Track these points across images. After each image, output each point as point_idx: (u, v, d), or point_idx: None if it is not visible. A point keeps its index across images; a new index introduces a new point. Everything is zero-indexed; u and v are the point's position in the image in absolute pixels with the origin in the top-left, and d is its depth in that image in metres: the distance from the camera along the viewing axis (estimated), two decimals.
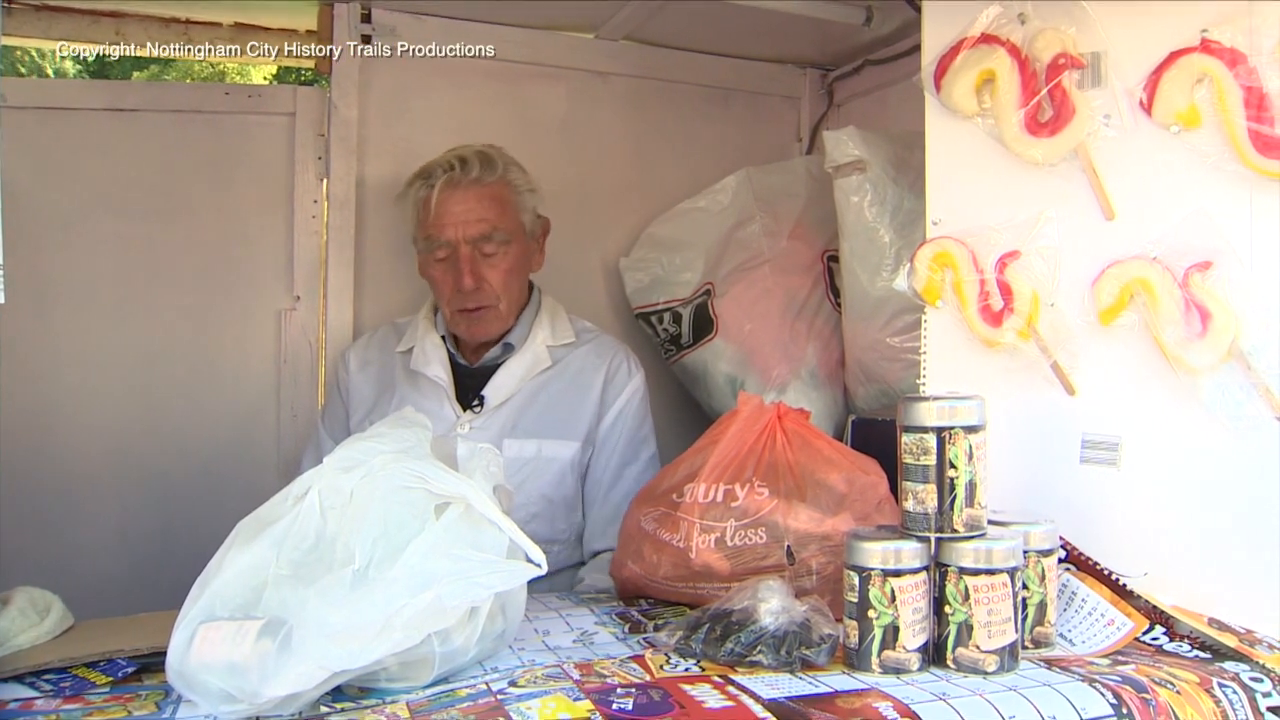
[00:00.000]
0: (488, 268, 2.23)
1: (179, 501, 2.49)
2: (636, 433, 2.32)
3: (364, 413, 2.32)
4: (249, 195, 2.57)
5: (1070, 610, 1.55)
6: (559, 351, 2.33)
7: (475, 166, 2.24)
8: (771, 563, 1.65)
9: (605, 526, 2.24)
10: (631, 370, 2.36)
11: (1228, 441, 1.53)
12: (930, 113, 1.82)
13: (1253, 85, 1.50)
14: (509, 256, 2.26)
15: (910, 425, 1.42)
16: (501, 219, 2.25)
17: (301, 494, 1.40)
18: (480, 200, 2.23)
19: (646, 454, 2.32)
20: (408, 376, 2.32)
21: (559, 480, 2.24)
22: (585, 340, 2.38)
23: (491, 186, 2.25)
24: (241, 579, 1.33)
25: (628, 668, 1.39)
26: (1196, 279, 1.54)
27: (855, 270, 2.36)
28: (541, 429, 2.25)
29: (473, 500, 1.37)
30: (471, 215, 2.22)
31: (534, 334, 2.32)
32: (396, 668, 1.30)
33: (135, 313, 2.51)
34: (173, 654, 1.27)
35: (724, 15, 2.65)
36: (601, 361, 2.34)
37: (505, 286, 2.26)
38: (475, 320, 2.26)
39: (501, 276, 2.24)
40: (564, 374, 2.31)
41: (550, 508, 2.23)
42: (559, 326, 2.37)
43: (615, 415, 2.30)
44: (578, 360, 2.34)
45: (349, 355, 2.43)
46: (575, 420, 2.28)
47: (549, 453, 2.24)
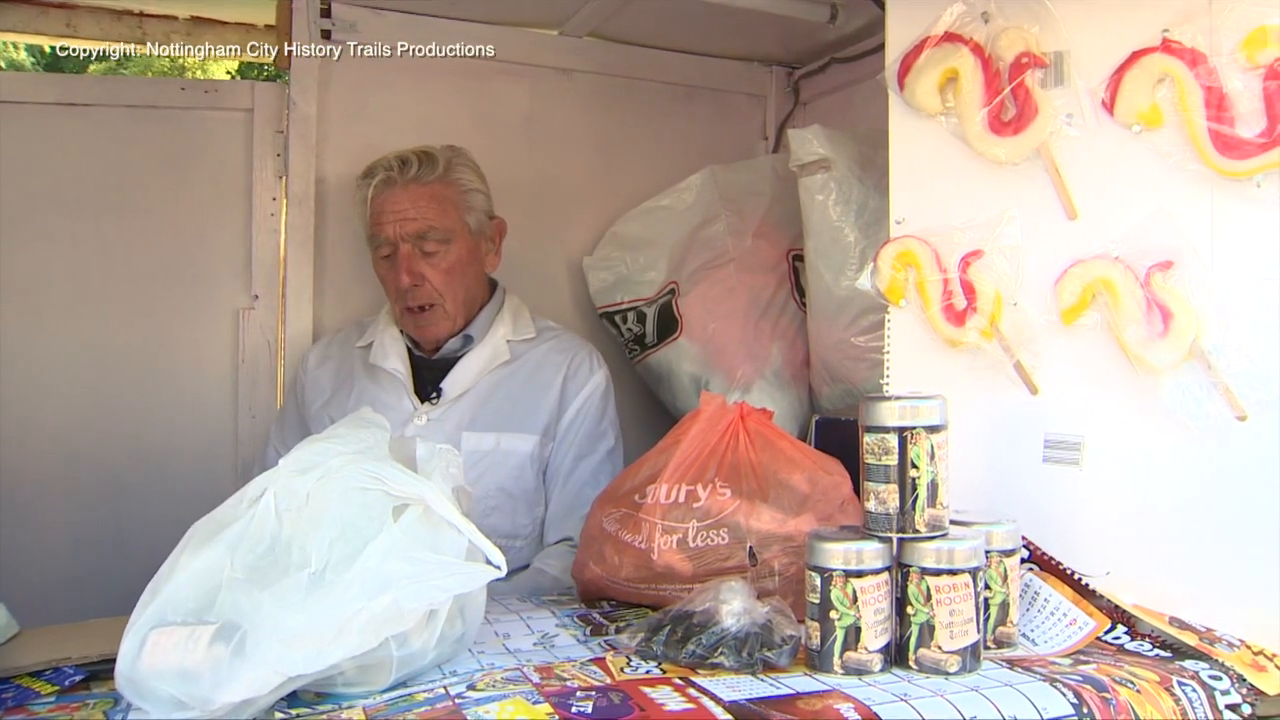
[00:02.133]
0: (427, 266, 2.23)
1: (132, 505, 2.45)
2: (595, 428, 2.31)
3: (320, 404, 2.31)
4: (206, 193, 2.53)
5: (1033, 610, 1.55)
6: (519, 347, 2.33)
7: (414, 165, 2.24)
8: (734, 564, 1.64)
9: (560, 517, 2.25)
10: (593, 367, 2.35)
11: (1189, 441, 1.54)
12: (894, 111, 1.82)
13: (1213, 85, 1.51)
14: (450, 255, 2.25)
15: (872, 425, 1.41)
16: (441, 218, 2.24)
17: (257, 496, 1.38)
18: (418, 199, 2.23)
19: (604, 447, 2.31)
20: (366, 370, 2.32)
21: (518, 473, 2.23)
22: (547, 337, 2.37)
23: (431, 185, 2.25)
24: (195, 583, 1.30)
25: (588, 670, 1.38)
26: (1158, 278, 1.55)
27: (820, 269, 2.36)
28: (500, 422, 2.24)
29: (431, 502, 1.35)
30: (409, 213, 2.22)
31: (495, 328, 2.32)
32: (353, 672, 1.29)
33: (87, 312, 2.46)
34: (122, 660, 1.24)
35: (689, 12, 2.64)
36: (563, 358, 2.33)
37: (447, 285, 2.25)
38: (421, 321, 2.27)
39: (442, 276, 2.24)
40: (523, 369, 2.31)
41: (510, 501, 2.22)
42: (520, 323, 2.37)
43: (575, 411, 2.30)
44: (538, 356, 2.33)
45: (309, 354, 2.44)
46: (534, 414, 2.27)
47: (507, 445, 2.23)
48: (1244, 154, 1.49)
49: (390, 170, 2.24)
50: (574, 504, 2.22)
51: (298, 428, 2.31)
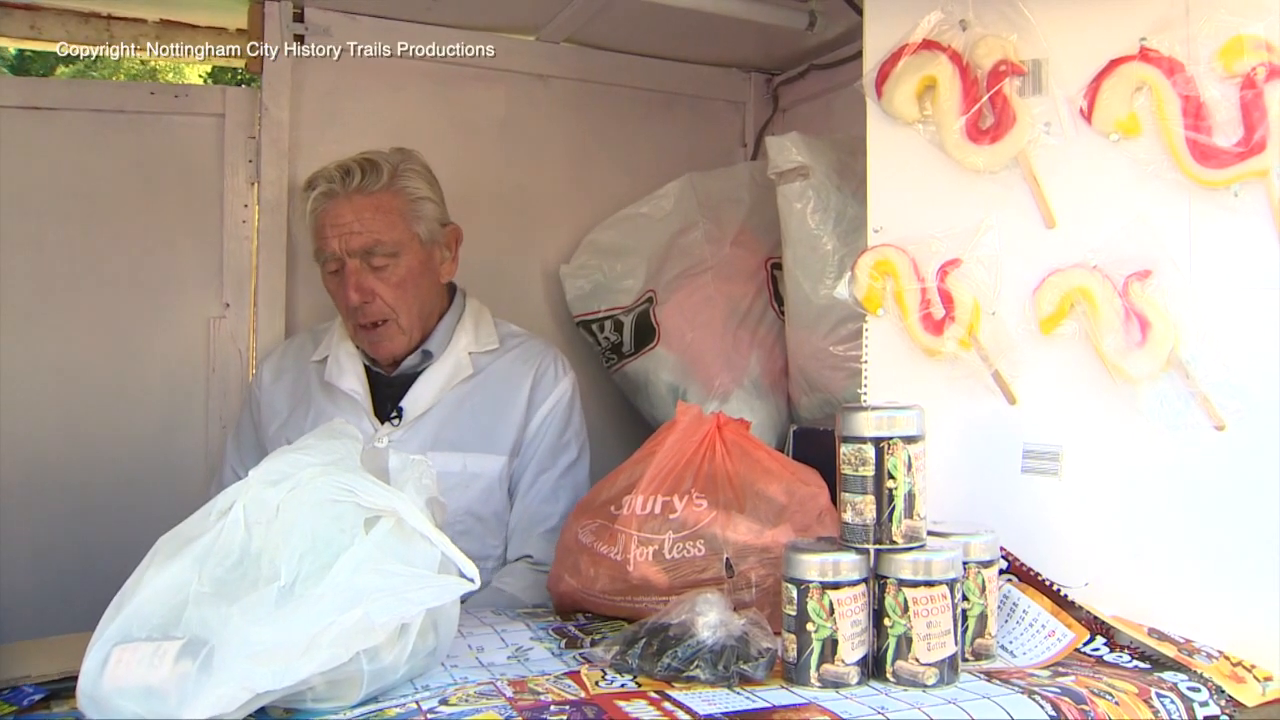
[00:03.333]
0: (377, 281, 2.12)
1: (98, 517, 2.40)
2: (557, 440, 2.23)
3: (277, 426, 2.23)
4: (176, 199, 2.50)
5: (1011, 622, 1.54)
6: (482, 359, 2.24)
7: (358, 176, 2.12)
8: (710, 575, 1.63)
9: (519, 534, 2.17)
10: (559, 374, 2.27)
11: (1168, 451, 1.54)
12: (872, 119, 1.81)
13: (1190, 94, 1.51)
14: (400, 269, 2.14)
15: (848, 436, 1.40)
16: (388, 230, 2.13)
17: (226, 509, 1.36)
18: (362, 211, 2.11)
19: (564, 461, 2.23)
20: (323, 389, 2.22)
21: (486, 496, 2.15)
22: (511, 345, 2.28)
23: (376, 196, 2.13)
24: (161, 598, 1.29)
25: (562, 684, 1.37)
26: (1136, 288, 1.54)
27: (798, 278, 2.35)
28: (466, 442, 2.15)
29: (404, 514, 1.34)
30: (353, 227, 2.11)
31: (455, 340, 2.23)
32: (323, 687, 1.27)
33: (53, 320, 2.42)
34: (85, 678, 1.22)
35: (667, 18, 2.63)
36: (528, 367, 2.24)
37: (399, 300, 2.14)
38: (375, 337, 2.16)
39: (393, 290, 2.13)
40: (488, 382, 2.22)
41: (479, 524, 2.14)
42: (483, 332, 2.27)
43: (540, 422, 2.21)
44: (503, 367, 2.24)
45: (263, 368, 2.34)
46: (501, 431, 2.18)
47: (475, 467, 2.15)
48: (1221, 163, 1.49)
49: (332, 182, 2.13)
50: (532, 520, 2.16)
51: (255, 450, 2.21)
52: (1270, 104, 1.46)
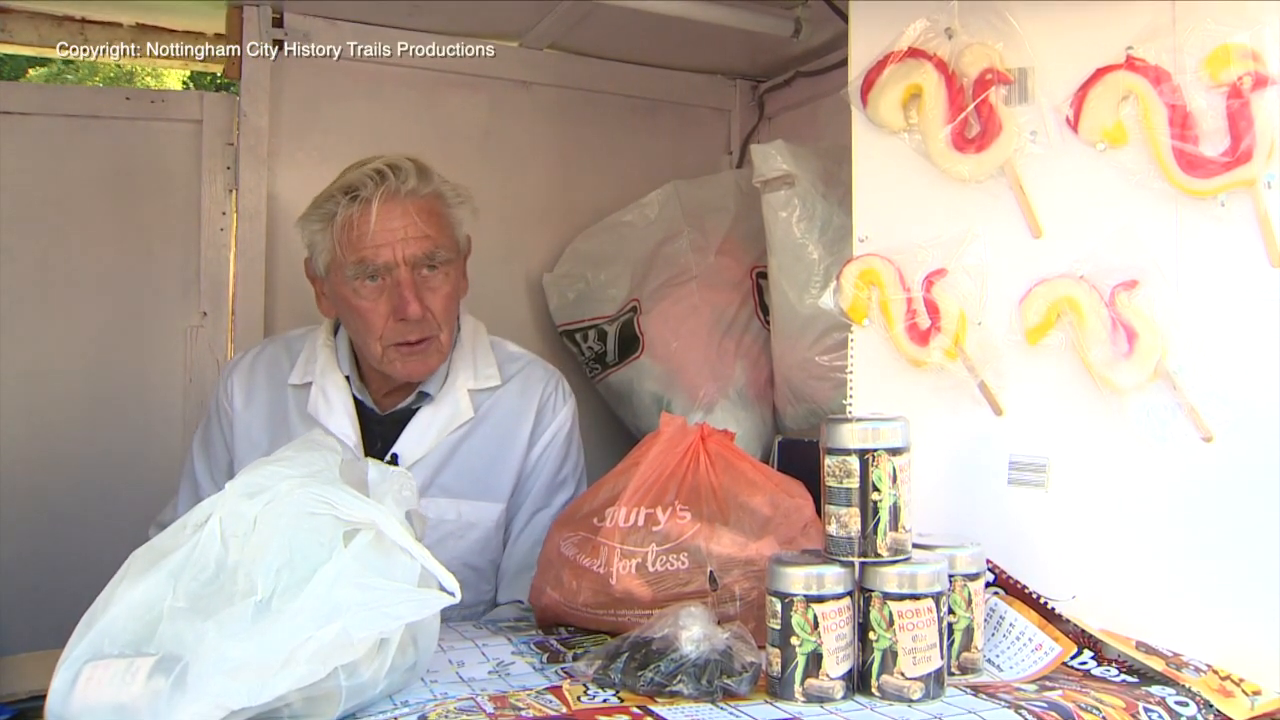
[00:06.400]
0: (428, 293, 1.92)
1: (71, 530, 2.39)
2: (554, 478, 2.09)
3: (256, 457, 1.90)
4: (152, 207, 2.49)
5: (998, 635, 1.53)
6: (482, 397, 2.05)
7: (411, 175, 1.91)
8: (694, 588, 1.61)
9: (511, 577, 2.05)
10: (559, 403, 2.11)
11: (1156, 462, 1.53)
12: (857, 127, 1.81)
13: (1177, 103, 1.50)
14: (450, 280, 1.95)
15: (833, 447, 1.39)
16: (442, 235, 1.93)
17: (201, 522, 1.34)
18: (418, 215, 1.90)
19: (561, 499, 2.08)
20: (304, 422, 1.99)
21: (483, 546, 2.02)
22: (511, 374, 2.10)
23: (427, 199, 1.93)
24: (133, 613, 1.26)
25: (544, 699, 1.34)
26: (1123, 298, 1.53)
27: (783, 287, 2.34)
28: (462, 488, 2.00)
29: (383, 526, 1.32)
30: (412, 232, 1.88)
31: (454, 377, 2.04)
32: (300, 704, 1.24)
33: (24, 329, 2.40)
34: (54, 697, 1.19)
35: (651, 25, 2.63)
36: (529, 400, 2.08)
37: (447, 314, 1.96)
38: (417, 355, 1.94)
39: (443, 302, 1.94)
40: (487, 423, 2.04)
41: (474, 575, 1.99)
42: (482, 364, 2.08)
43: (539, 452, 2.07)
44: (504, 404, 2.07)
45: (232, 384, 2.07)
46: (500, 476, 2.04)
47: (470, 516, 2.00)
48: (1208, 173, 1.48)
49: (385, 181, 1.88)
50: (524, 563, 2.01)
51: (227, 472, 1.97)
52: (1257, 113, 1.45)
